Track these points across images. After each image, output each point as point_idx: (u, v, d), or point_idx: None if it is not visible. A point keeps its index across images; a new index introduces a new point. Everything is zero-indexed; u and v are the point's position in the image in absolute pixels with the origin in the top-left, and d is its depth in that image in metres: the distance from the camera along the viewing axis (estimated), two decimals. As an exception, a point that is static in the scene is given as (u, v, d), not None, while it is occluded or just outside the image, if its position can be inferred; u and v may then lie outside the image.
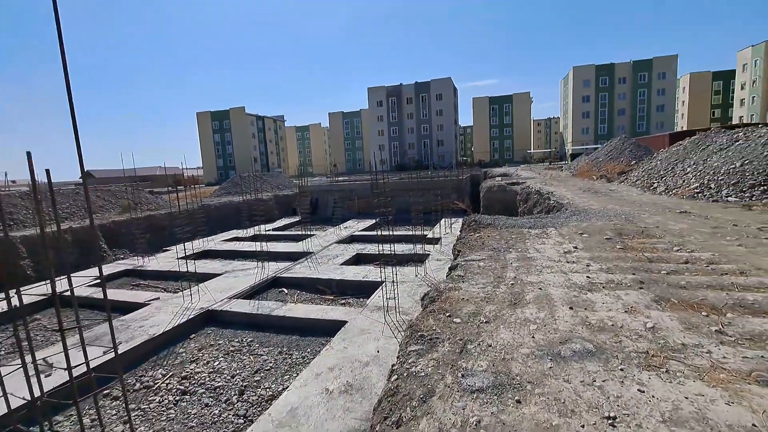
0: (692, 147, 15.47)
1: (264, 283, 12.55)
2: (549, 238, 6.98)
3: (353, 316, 9.04)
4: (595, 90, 73.14)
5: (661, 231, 6.97)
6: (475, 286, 4.60)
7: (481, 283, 4.71)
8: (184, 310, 10.46)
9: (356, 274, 12.61)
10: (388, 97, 77.13)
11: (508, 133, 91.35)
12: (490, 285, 4.60)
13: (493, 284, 4.63)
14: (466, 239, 7.20)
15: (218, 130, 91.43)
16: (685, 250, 5.64)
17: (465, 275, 5.04)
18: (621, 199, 12.63)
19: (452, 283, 4.75)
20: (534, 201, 14.48)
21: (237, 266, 14.73)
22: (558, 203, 12.02)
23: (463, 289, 4.49)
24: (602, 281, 4.50)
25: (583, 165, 28.40)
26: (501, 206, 21.07)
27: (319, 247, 17.26)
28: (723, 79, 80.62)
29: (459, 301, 4.10)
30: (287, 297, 11.87)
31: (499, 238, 7.20)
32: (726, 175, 11.18)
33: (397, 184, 26.97)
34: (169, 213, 22.38)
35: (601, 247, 6.08)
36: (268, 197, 28.72)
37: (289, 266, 14.14)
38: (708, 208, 9.26)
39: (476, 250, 6.45)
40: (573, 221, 8.28)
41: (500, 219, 8.90)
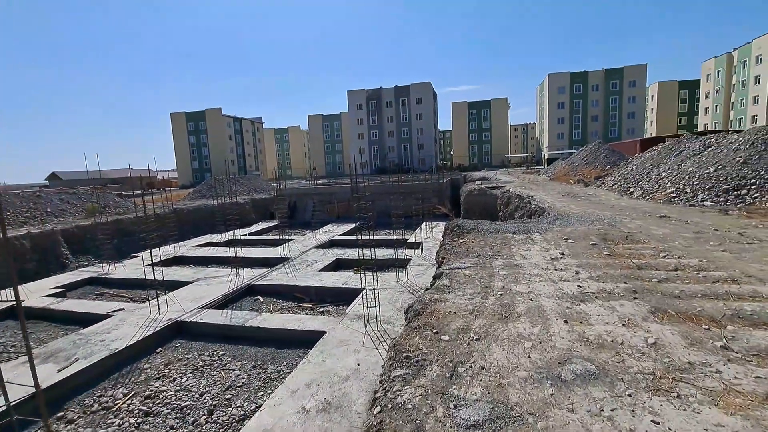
0: (666, 152, 15.81)
1: (238, 291, 11.96)
2: (534, 243, 6.79)
3: (332, 326, 8.62)
4: (569, 97, 75.10)
5: (645, 236, 6.89)
6: (462, 297, 4.31)
7: (468, 293, 4.42)
8: (150, 322, 9.79)
9: (336, 281, 12.19)
10: (368, 101, 76.99)
11: (487, 137, 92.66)
12: (478, 296, 4.32)
13: (481, 295, 4.35)
14: (449, 245, 6.93)
15: (193, 131, 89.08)
16: (672, 256, 5.53)
17: (451, 285, 4.74)
18: (600, 203, 12.70)
19: (438, 293, 4.45)
20: (515, 205, 14.43)
21: (210, 273, 14.04)
22: (539, 207, 11.95)
23: (450, 301, 4.19)
24: (594, 291, 4.29)
25: (560, 169, 28.85)
26: (481, 210, 21.06)
27: (297, 253, 16.72)
28: (688, 88, 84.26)
29: (446, 315, 3.80)
30: (263, 306, 11.33)
31: (483, 244, 6.96)
32: (701, 179, 11.37)
33: (377, 188, 26.67)
34: (138, 217, 21.34)
35: (588, 254, 5.92)
36: (244, 201, 27.87)
37: (265, 273, 13.57)
38: (686, 213, 9.33)
39: (461, 257, 6.18)
40: (557, 226, 8.14)
41: (483, 224, 8.69)
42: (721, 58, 67.52)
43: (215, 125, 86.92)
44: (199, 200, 31.37)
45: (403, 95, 75.13)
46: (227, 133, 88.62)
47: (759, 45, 59.39)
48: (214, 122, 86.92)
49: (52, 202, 22.80)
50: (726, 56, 66.18)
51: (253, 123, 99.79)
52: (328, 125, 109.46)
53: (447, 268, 5.54)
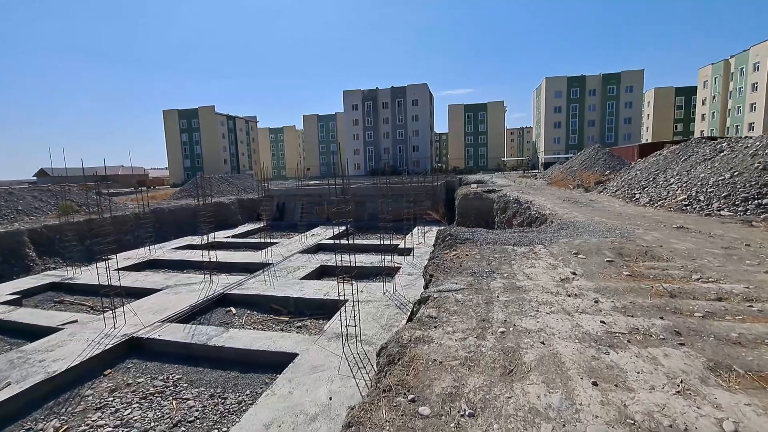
0: (672, 157, 14.94)
1: (209, 301, 10.86)
2: (539, 258, 5.79)
3: (306, 347, 7.57)
4: (566, 101, 74.59)
5: (666, 251, 5.93)
6: (452, 335, 3.29)
7: (459, 329, 3.41)
8: (103, 338, 8.67)
9: (317, 291, 11.13)
10: (364, 101, 75.99)
11: (483, 140, 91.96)
12: (473, 334, 3.30)
13: (477, 332, 3.34)
14: (440, 259, 5.91)
15: (186, 129, 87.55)
16: (708, 279, 4.56)
17: (438, 316, 3.73)
18: (604, 210, 11.77)
19: (420, 329, 3.43)
20: (513, 211, 13.46)
21: (182, 280, 12.92)
22: (540, 214, 10.98)
23: (435, 342, 3.17)
24: (623, 329, 3.29)
25: (558, 174, 27.99)
26: (477, 214, 20.09)
27: (280, 258, 15.63)
28: (685, 94, 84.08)
29: (429, 367, 2.78)
30: (235, 319, 10.24)
31: (479, 257, 5.96)
32: (715, 187, 10.48)
33: (369, 190, 25.66)
34: (115, 217, 20.13)
35: (604, 273, 4.93)
36: (230, 201, 26.70)
37: (242, 280, 12.49)
38: (705, 224, 8.40)
39: (452, 274, 5.16)
40: (562, 237, 7.16)
41: (479, 233, 7.69)
42: (718, 65, 67.35)
43: (208, 123, 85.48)
44: (185, 199, 30.14)
45: (400, 96, 74.23)
46: (220, 131, 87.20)
47: (756, 52, 59.17)
48: (207, 120, 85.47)
49: (25, 199, 21.52)
50: (723, 63, 66.01)
51: (247, 122, 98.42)
52: (324, 125, 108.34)
53: (435, 289, 4.52)
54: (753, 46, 59.68)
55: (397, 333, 3.39)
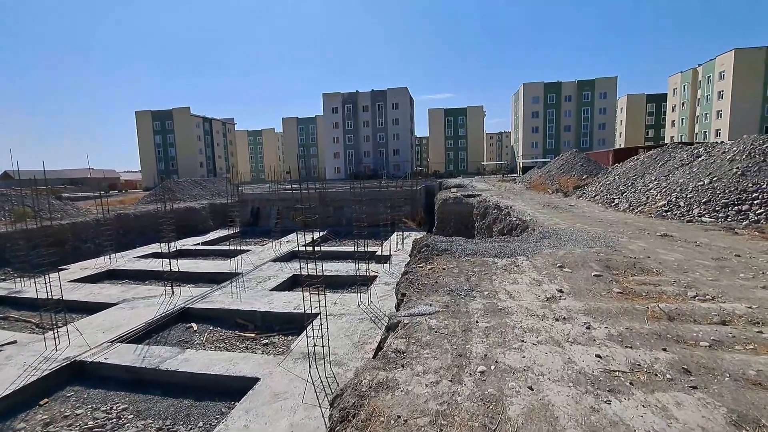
0: (650, 162, 14.92)
1: (168, 316, 9.97)
2: (522, 272, 5.30)
3: (269, 370, 6.86)
4: (543, 106, 75.87)
5: (655, 263, 5.54)
6: (421, 378, 2.72)
7: (431, 369, 2.84)
8: (42, 362, 7.71)
9: (287, 304, 10.38)
10: (344, 104, 75.28)
11: (463, 144, 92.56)
12: (447, 376, 2.74)
13: (452, 373, 2.78)
14: (414, 274, 5.35)
15: (160, 131, 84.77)
16: (705, 296, 4.15)
17: (407, 349, 3.14)
18: (585, 216, 11.49)
19: (385, 368, 2.84)
20: (493, 217, 13.07)
21: (141, 292, 11.94)
22: (520, 221, 10.59)
23: (401, 388, 2.59)
24: (623, 365, 2.79)
25: (537, 178, 28.02)
26: (457, 220, 19.73)
27: (250, 267, 14.78)
28: (656, 101, 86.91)
29: (389, 428, 2.20)
30: (195, 336, 9.40)
31: (457, 271, 5.42)
32: (695, 192, 10.33)
33: (347, 194, 25.00)
34: (73, 223, 18.80)
35: (593, 291, 4.46)
36: (201, 206, 25.53)
37: (207, 292, 11.62)
38: (688, 231, 8.14)
39: (427, 293, 4.60)
40: (545, 247, 6.71)
41: (458, 242, 7.17)
42: (686, 73, 69.83)
43: (183, 125, 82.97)
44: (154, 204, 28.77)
45: (380, 100, 73.87)
46: (196, 133, 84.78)
47: (722, 62, 61.59)
48: (181, 122, 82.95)
49: (-27, 204, 19.96)
50: (691, 71, 68.45)
51: (224, 124, 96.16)
52: (303, 128, 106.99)
53: (406, 313, 3.94)
54: (719, 55, 62.13)
55: (357, 376, 2.78)
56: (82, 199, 36.13)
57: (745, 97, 58.97)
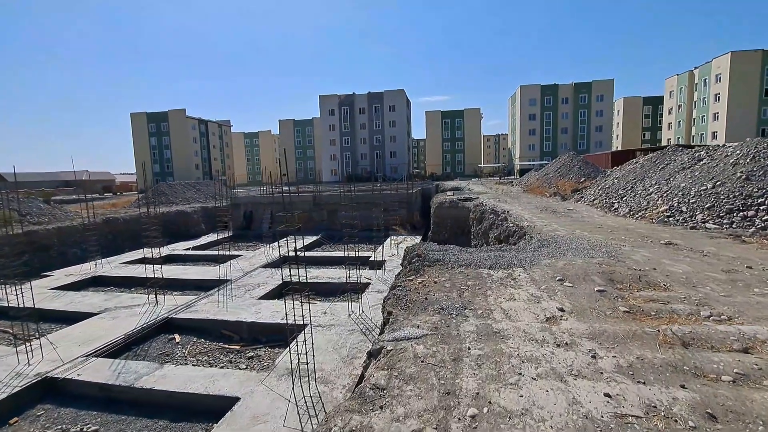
0: (650, 165, 14.60)
1: (150, 327, 9.52)
2: (519, 287, 4.90)
3: (251, 388, 6.42)
4: (540, 108, 75.79)
5: (662, 276, 5.17)
6: (401, 426, 2.31)
7: (414, 411, 2.44)
8: (14, 377, 7.27)
9: (275, 313, 9.94)
10: (341, 106, 75.00)
11: (460, 147, 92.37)
12: (432, 422, 2.33)
13: (437, 419, 2.37)
14: (402, 289, 4.94)
15: (155, 133, 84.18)
16: (720, 316, 3.77)
17: (388, 385, 2.74)
18: (584, 221, 11.13)
19: (360, 410, 2.43)
20: (489, 222, 12.69)
21: (124, 301, 11.48)
22: (517, 227, 10.21)
23: (378, 439, 2.19)
24: (636, 408, 2.40)
25: (534, 181, 27.72)
26: (453, 224, 19.35)
27: (240, 273, 14.33)
28: (652, 104, 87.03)
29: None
30: (177, 348, 8.95)
31: (449, 285, 5.02)
32: (698, 197, 9.99)
33: (342, 197, 24.58)
34: (60, 228, 18.29)
35: (597, 309, 4.08)
36: (193, 209, 25.05)
37: (192, 301, 11.17)
38: (692, 238, 7.77)
39: (415, 311, 4.20)
40: (544, 257, 6.32)
41: (451, 252, 6.78)
42: (683, 75, 69.93)
43: (179, 127, 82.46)
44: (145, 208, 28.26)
45: (376, 102, 73.62)
46: (191, 135, 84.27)
47: (718, 64, 61.67)
48: (177, 124, 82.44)
49: (-45, 208, 19.40)
50: (688, 74, 68.56)
51: (221, 126, 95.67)
52: (300, 131, 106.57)
53: (391, 337, 3.54)
54: (715, 58, 62.23)
55: (327, 421, 2.38)
56: (75, 202, 35.55)
57: (741, 99, 59.04)
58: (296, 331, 8.56)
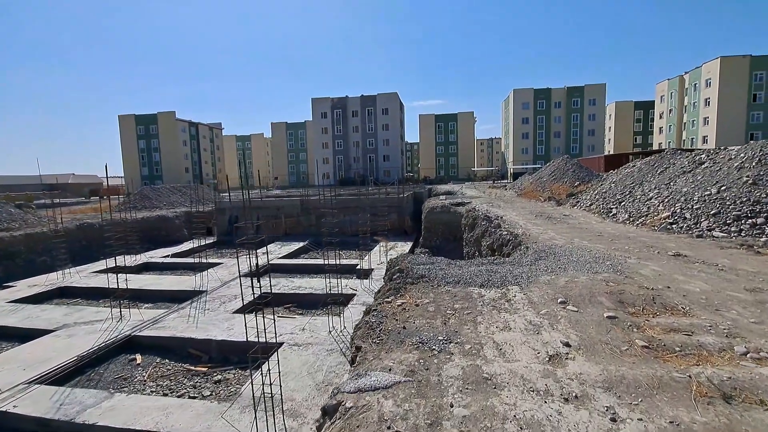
0: (648, 169, 14.04)
1: (109, 346, 8.64)
2: (514, 311, 4.18)
3: (207, 424, 5.59)
4: (533, 112, 75.74)
5: (678, 296, 4.48)
6: None
7: None
8: (-57, 409, 6.38)
9: (250, 329, 9.13)
10: (333, 109, 74.36)
11: (453, 150, 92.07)
12: None
13: None
14: (378, 314, 4.19)
15: (144, 135, 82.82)
16: (759, 352, 3.08)
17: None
18: (582, 228, 10.48)
19: None
20: (482, 229, 12.00)
21: (87, 315, 10.56)
22: (512, 235, 9.51)
23: None
24: None
25: (528, 185, 27.16)
26: (444, 229, 18.67)
27: (217, 283, 13.47)
28: (643, 108, 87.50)
29: None
30: (138, 371, 8.10)
31: (433, 309, 4.29)
32: (702, 203, 9.39)
33: (331, 202, 23.78)
34: (28, 234, 17.29)
35: (610, 344, 3.37)
36: (175, 214, 24.10)
37: (161, 315, 10.30)
38: (702, 249, 7.13)
39: (389, 346, 3.46)
40: (542, 272, 5.61)
41: (439, 265, 6.04)
42: (673, 80, 70.28)
43: (168, 130, 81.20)
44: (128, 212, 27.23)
45: (370, 105, 73.08)
46: (181, 138, 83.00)
47: (708, 69, 62.03)
48: (167, 126, 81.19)
49: None
50: (678, 79, 68.92)
51: (212, 129, 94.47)
52: (293, 134, 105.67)
53: (353, 387, 2.79)
54: (705, 63, 62.59)
55: None
56: (58, 206, 34.33)
57: (731, 104, 59.37)
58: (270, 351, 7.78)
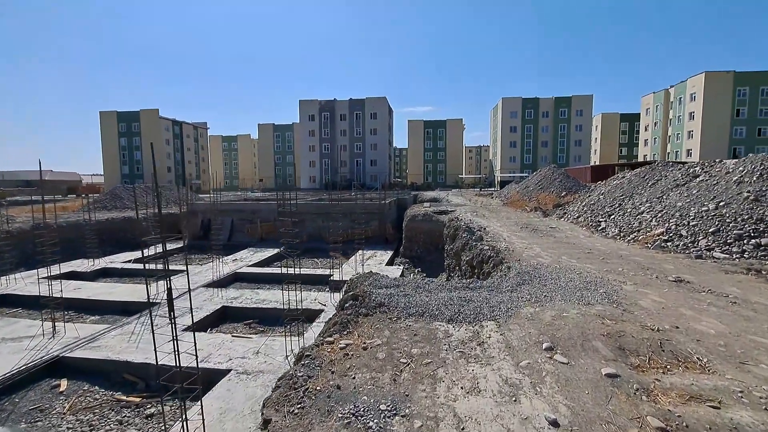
0: (638, 181, 13.39)
1: (30, 369, 7.46)
2: (487, 362, 3.25)
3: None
4: (521, 121, 75.87)
5: (691, 341, 3.62)
6: None
7: None
8: None
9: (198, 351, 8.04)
10: (321, 112, 73.28)
11: (441, 157, 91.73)
12: None
13: None
14: (310, 363, 3.21)
15: (125, 133, 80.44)
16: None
17: None
18: (570, 243, 9.66)
19: None
20: (463, 241, 11.10)
21: (18, 330, 9.27)
22: (493, 249, 8.62)
23: None
24: None
25: (514, 194, 26.53)
26: (426, 239, 17.77)
27: (174, 293, 12.28)
28: (629, 120, 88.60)
29: None
30: (59, 400, 6.94)
31: (383, 357, 3.33)
32: (699, 220, 8.68)
33: (309, 206, 22.72)
34: (-26, 235, 15.77)
35: (614, 426, 2.46)
36: (143, 216, 22.74)
37: (100, 332, 9.08)
38: (704, 273, 6.33)
39: (311, 420, 2.48)
40: (524, 301, 4.70)
41: (405, 288, 5.09)
42: (659, 93, 71.20)
43: (151, 128, 78.95)
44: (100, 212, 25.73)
45: (358, 109, 72.22)
46: (164, 137, 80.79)
47: (693, 84, 62.93)
48: (149, 124, 78.95)
49: None
50: (664, 92, 69.85)
51: (196, 128, 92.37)
52: (280, 135, 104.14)
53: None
54: (690, 77, 63.49)
55: None
56: (31, 203, 32.44)
57: (715, 118, 60.17)
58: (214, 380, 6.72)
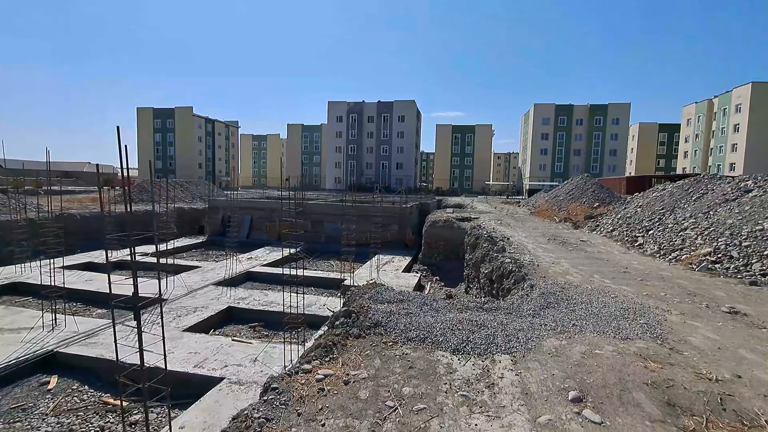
0: (681, 194, 12.22)
1: (21, 364, 7.26)
2: (496, 414, 2.59)
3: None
4: (553, 128, 73.43)
5: (758, 398, 2.84)
6: None
7: None
8: None
9: (194, 355, 7.58)
10: (349, 114, 73.44)
11: (469, 162, 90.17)
12: None
13: None
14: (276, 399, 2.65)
15: (160, 129, 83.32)
16: None
17: None
18: (603, 260, 8.74)
19: None
20: (483, 251, 10.33)
21: (19, 320, 9.17)
22: (516, 264, 7.84)
23: None
24: None
25: (543, 203, 25.32)
26: (446, 246, 17.00)
27: (183, 290, 12.07)
28: (668, 131, 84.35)
29: None
30: (45, 399, 6.69)
31: (367, 398, 2.71)
32: (754, 240, 7.62)
33: (327, 207, 22.39)
34: (-1, 222, 16.23)
35: None
36: (164, 210, 23.02)
37: (101, 327, 8.91)
38: (761, 302, 5.36)
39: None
40: (548, 330, 3.99)
41: (410, 305, 4.46)
42: (702, 104, 67.39)
43: (184, 125, 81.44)
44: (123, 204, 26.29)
45: (386, 111, 71.95)
46: (197, 134, 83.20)
47: (738, 94, 59.19)
48: (183, 121, 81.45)
49: None
50: (707, 102, 66.05)
51: (228, 126, 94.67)
52: (308, 136, 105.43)
53: None
54: (735, 87, 59.74)
55: None
56: (66, 193, 33.78)
57: (761, 131, 56.25)
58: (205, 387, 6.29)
